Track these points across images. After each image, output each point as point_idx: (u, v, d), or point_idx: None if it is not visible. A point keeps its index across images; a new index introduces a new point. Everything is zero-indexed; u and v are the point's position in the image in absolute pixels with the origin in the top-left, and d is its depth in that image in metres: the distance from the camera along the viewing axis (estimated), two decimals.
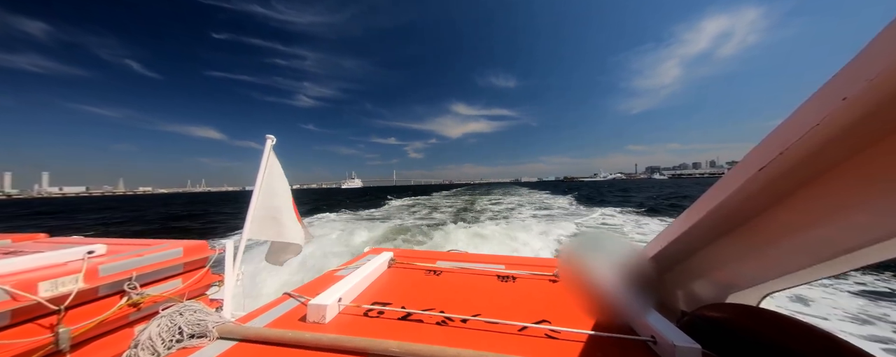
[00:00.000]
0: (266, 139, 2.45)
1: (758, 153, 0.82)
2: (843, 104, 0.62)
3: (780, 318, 0.91)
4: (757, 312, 0.98)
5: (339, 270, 1.79)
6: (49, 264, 1.69)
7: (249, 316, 1.21)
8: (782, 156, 0.75)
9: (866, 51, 0.58)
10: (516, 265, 1.89)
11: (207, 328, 1.01)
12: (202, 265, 2.42)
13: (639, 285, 1.19)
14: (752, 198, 0.92)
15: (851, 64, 0.61)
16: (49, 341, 1.50)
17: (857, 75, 0.60)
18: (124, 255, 1.95)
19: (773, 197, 0.90)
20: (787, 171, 0.80)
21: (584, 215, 16.18)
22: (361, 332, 1.06)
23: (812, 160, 0.76)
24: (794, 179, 0.83)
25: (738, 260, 1.10)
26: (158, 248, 2.17)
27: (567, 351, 0.95)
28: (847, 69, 0.62)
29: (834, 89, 0.64)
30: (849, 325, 3.80)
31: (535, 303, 1.34)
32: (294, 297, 1.37)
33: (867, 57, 0.58)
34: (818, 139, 0.70)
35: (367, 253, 2.19)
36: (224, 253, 2.14)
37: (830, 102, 0.64)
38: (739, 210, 0.98)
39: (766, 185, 0.86)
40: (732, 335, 0.95)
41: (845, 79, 0.62)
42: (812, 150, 0.73)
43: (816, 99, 0.68)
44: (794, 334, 0.84)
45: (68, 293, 1.57)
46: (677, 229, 1.16)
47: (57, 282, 1.57)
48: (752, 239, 1.03)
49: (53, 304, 1.52)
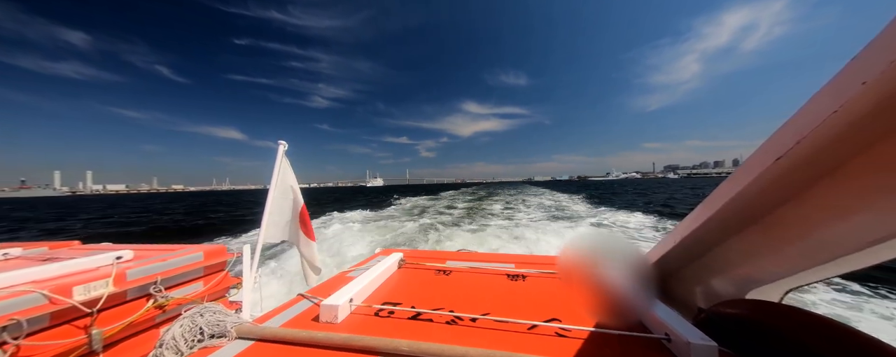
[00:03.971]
0: (278, 145, 2.53)
1: (773, 142, 0.78)
2: (863, 88, 0.58)
3: (802, 313, 0.87)
4: (776, 308, 0.95)
5: (351, 271, 1.83)
6: (82, 270, 1.80)
7: (266, 316, 1.25)
8: (799, 145, 0.72)
9: (888, 31, 0.54)
10: (526, 264, 1.88)
11: (226, 328, 1.05)
12: (221, 268, 2.51)
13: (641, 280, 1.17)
14: (768, 190, 0.88)
15: (871, 45, 0.57)
16: (83, 342, 1.60)
17: (878, 57, 0.56)
18: (150, 260, 2.04)
19: (792, 189, 0.86)
20: (804, 162, 0.77)
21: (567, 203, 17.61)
22: (372, 331, 1.08)
23: (832, 149, 0.72)
24: (813, 170, 0.79)
25: (758, 255, 1.06)
26: (181, 252, 2.27)
27: (578, 349, 0.94)
28: (867, 51, 0.58)
29: (853, 73, 0.60)
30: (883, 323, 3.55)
31: (545, 301, 1.34)
32: (307, 297, 1.41)
33: (889, 37, 0.54)
34: (837, 126, 0.66)
35: (378, 254, 2.23)
36: (242, 256, 2.22)
37: (849, 87, 0.61)
38: (756, 203, 0.94)
39: (783, 176, 0.82)
40: (750, 332, 0.92)
41: (865, 61, 0.58)
42: (831, 138, 0.70)
43: (834, 83, 0.64)
44: (815, 330, 0.80)
45: (100, 297, 1.66)
46: (690, 225, 1.13)
47: (89, 286, 1.66)
48: (770, 233, 0.99)
49: (87, 307, 1.61)
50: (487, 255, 2.28)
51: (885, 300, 4.08)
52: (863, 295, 4.23)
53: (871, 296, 4.21)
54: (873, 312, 3.80)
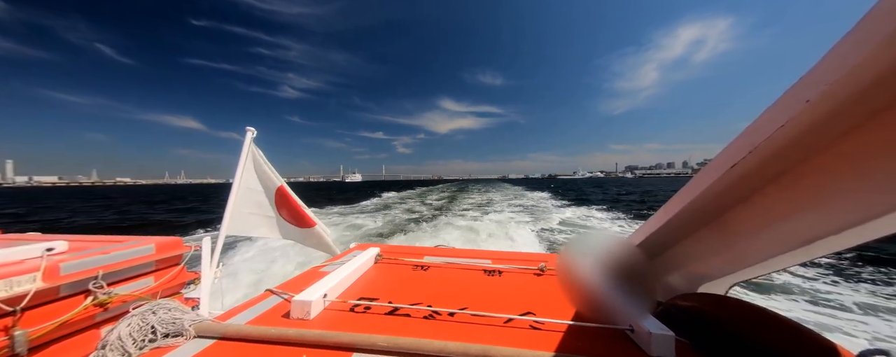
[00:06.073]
0: (246, 131, 2.35)
1: (730, 151, 0.87)
2: (807, 106, 0.67)
3: (744, 305, 0.98)
4: (724, 301, 1.06)
5: (324, 267, 1.76)
6: (2, 263, 1.56)
7: (229, 313, 1.16)
8: (752, 154, 0.81)
9: (827, 58, 0.63)
10: (502, 259, 1.92)
11: (183, 326, 0.96)
12: (177, 263, 2.30)
13: (629, 272, 1.25)
14: (724, 194, 0.98)
15: (814, 69, 0.66)
16: (4, 345, 1.40)
17: (819, 79, 0.64)
18: (89, 253, 1.83)
19: (743, 193, 0.97)
20: (755, 169, 0.86)
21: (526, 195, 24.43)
22: (347, 327, 1.05)
23: (778, 158, 0.82)
24: (762, 176, 0.89)
25: (711, 253, 1.17)
26: (128, 244, 2.05)
27: (550, 341, 0.98)
28: (810, 74, 0.67)
29: (798, 92, 0.69)
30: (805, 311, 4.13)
31: (521, 296, 1.37)
32: (277, 293, 1.34)
33: (827, 63, 0.63)
34: (784, 139, 0.76)
35: (353, 249, 2.16)
36: (201, 250, 2.05)
37: (795, 104, 0.69)
38: (712, 205, 1.04)
39: (736, 181, 0.91)
40: (702, 323, 1.02)
41: (808, 83, 0.67)
42: (778, 148, 0.79)
43: (782, 101, 0.73)
44: (754, 320, 0.92)
45: (25, 293, 1.46)
46: (654, 225, 1.21)
47: (11, 281, 1.45)
48: (723, 232, 1.09)
49: (8, 305, 1.41)
50: (465, 250, 2.30)
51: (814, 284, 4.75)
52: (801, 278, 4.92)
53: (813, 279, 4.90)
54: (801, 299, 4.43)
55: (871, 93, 0.62)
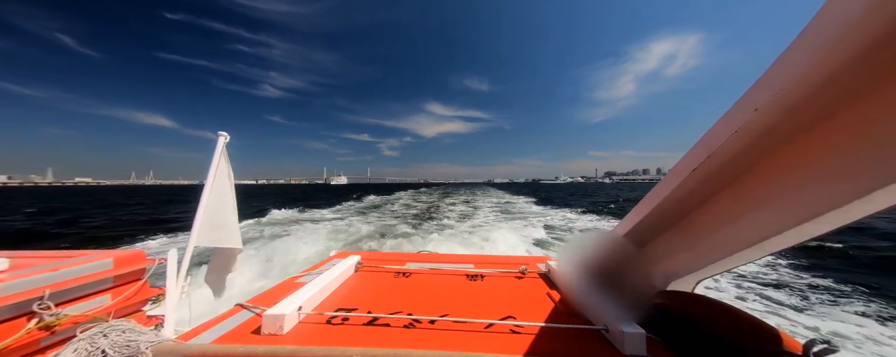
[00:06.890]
0: (218, 137, 2.24)
1: (691, 157, 0.94)
2: (756, 113, 0.74)
3: (708, 301, 1.03)
4: (689, 297, 1.11)
5: (301, 277, 1.69)
6: None
7: (195, 332, 1.09)
8: (710, 158, 0.87)
9: (770, 71, 0.70)
10: (485, 264, 1.91)
11: (139, 349, 0.88)
12: (138, 277, 2.13)
13: (621, 262, 1.28)
14: (687, 196, 1.04)
15: (760, 81, 0.73)
16: None
17: (767, 88, 0.71)
18: (34, 270, 1.66)
19: (704, 194, 1.03)
20: (714, 172, 0.93)
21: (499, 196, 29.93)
22: (323, 341, 1.00)
23: (734, 161, 0.89)
24: (720, 179, 0.96)
25: (678, 251, 1.22)
26: (81, 260, 1.88)
27: (530, 344, 0.99)
28: (759, 83, 0.73)
29: (748, 101, 0.76)
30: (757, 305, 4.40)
31: (502, 300, 1.37)
32: (248, 308, 1.26)
33: (771, 75, 0.70)
34: (737, 144, 0.82)
35: (333, 257, 2.09)
36: (166, 263, 1.91)
37: (746, 112, 0.76)
38: (675, 209, 1.10)
39: (698, 184, 0.98)
40: (670, 318, 1.07)
41: (756, 92, 0.74)
42: (733, 153, 0.86)
43: (735, 109, 0.80)
44: (717, 314, 0.97)
45: None
46: (625, 228, 1.26)
47: None
48: (687, 233, 1.15)
49: None
50: (447, 256, 2.28)
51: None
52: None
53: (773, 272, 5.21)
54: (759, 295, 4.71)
55: (818, 95, 0.68)
